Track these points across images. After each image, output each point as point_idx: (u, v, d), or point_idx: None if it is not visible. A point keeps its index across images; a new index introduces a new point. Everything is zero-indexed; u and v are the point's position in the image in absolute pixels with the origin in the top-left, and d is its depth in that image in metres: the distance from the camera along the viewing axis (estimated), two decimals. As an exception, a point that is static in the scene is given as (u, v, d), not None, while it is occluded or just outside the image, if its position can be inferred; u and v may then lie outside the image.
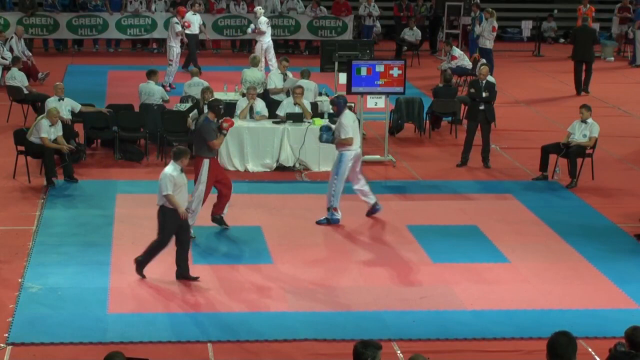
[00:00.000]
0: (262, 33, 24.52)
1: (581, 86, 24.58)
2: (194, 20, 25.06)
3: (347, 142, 14.08)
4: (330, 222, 14.25)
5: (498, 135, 17.76)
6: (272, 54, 24.67)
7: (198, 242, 13.43)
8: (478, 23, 26.65)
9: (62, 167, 15.84)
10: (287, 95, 18.69)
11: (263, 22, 24.56)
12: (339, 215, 14.29)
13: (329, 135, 14.43)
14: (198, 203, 13.43)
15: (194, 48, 25.31)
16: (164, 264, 12.62)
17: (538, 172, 16.85)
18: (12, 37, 24.16)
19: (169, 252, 13.02)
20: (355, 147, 14.25)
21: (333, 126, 14.58)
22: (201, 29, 25.43)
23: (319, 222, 14.26)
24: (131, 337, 10.41)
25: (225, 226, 13.98)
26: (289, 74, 19.36)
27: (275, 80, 19.13)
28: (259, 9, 25.14)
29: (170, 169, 11.95)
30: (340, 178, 14.12)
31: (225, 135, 13.70)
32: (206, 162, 13.44)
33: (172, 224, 11.92)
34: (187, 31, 24.54)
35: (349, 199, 14.62)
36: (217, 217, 13.98)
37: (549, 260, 13.11)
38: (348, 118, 14.22)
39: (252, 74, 19.65)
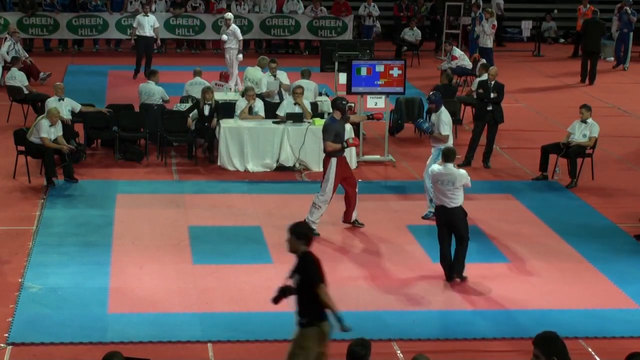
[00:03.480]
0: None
1: (587, 75, 25.83)
2: (145, 22, 24.80)
3: (444, 139, 14.39)
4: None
5: (498, 135, 17.76)
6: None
7: (198, 242, 13.43)
8: (478, 23, 26.68)
9: (62, 167, 15.85)
10: (280, 96, 18.67)
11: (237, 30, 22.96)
12: None
13: (430, 126, 14.66)
14: (325, 200, 13.63)
15: (141, 51, 24.70)
16: (164, 264, 12.63)
17: (538, 172, 16.85)
18: (6, 39, 23.93)
19: (167, 252, 13.04)
20: (450, 143, 14.60)
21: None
22: (155, 32, 24.88)
23: (425, 217, 14.47)
24: (131, 337, 10.42)
25: (360, 224, 14.16)
26: (283, 74, 19.35)
27: (265, 83, 19.17)
28: (230, 14, 23.36)
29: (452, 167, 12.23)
30: None
31: (345, 147, 13.72)
32: (334, 161, 13.64)
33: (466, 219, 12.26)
34: (138, 32, 24.46)
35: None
36: (349, 223, 14.15)
37: (549, 260, 13.11)
38: (447, 115, 14.60)
39: (253, 73, 19.72)
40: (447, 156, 12.29)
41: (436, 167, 12.33)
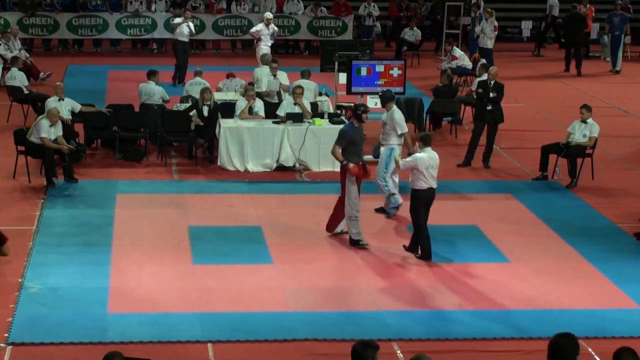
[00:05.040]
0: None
1: (570, 64, 27.20)
2: (184, 29, 24.42)
3: (405, 136, 14.59)
4: (397, 208, 14.68)
5: (498, 135, 17.75)
6: None
7: (198, 242, 13.43)
8: (478, 23, 26.69)
9: (62, 167, 15.85)
10: (279, 96, 18.66)
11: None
12: (399, 197, 14.72)
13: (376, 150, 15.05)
14: (357, 207, 13.35)
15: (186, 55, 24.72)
16: (164, 264, 12.63)
17: (538, 172, 16.85)
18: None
19: (167, 252, 13.04)
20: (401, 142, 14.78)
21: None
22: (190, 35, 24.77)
23: (387, 214, 14.65)
24: (131, 337, 10.42)
25: (345, 233, 13.72)
26: (282, 75, 19.35)
27: (265, 82, 19.17)
28: (269, 14, 24.30)
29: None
30: (389, 171, 14.61)
31: (344, 164, 13.31)
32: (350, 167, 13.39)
33: None
34: (180, 38, 24.26)
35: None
36: (330, 232, 13.91)
37: (549, 260, 13.11)
38: (399, 113, 14.69)
39: (260, 71, 19.72)
40: (426, 141, 13.00)
41: (420, 155, 12.86)
